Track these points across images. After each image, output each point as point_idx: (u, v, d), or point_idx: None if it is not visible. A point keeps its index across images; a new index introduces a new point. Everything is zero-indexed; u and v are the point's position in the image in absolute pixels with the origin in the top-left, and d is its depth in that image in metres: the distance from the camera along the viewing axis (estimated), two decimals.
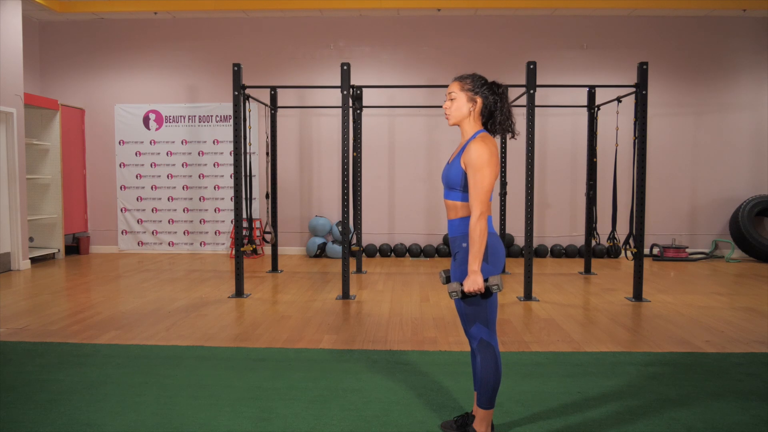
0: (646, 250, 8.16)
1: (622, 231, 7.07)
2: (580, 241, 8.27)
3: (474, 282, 2.17)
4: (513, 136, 2.37)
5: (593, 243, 7.17)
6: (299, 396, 2.93)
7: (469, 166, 2.22)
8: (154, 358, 3.55)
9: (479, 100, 2.31)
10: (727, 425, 2.59)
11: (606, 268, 7.25)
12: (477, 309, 2.29)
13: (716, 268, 7.23)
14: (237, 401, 2.86)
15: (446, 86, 7.36)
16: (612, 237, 6.03)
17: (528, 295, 5.24)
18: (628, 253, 5.57)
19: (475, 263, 2.18)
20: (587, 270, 6.81)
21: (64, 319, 4.52)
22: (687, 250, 8.01)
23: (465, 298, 2.24)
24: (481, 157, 2.19)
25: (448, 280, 2.32)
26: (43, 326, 4.29)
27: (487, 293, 2.25)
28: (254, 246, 5.85)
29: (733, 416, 2.68)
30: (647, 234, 8.01)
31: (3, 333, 4.13)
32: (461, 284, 2.22)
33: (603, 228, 7.60)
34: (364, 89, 7.23)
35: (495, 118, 2.33)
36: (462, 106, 2.32)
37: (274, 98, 6.80)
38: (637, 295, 5.25)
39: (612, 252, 8.02)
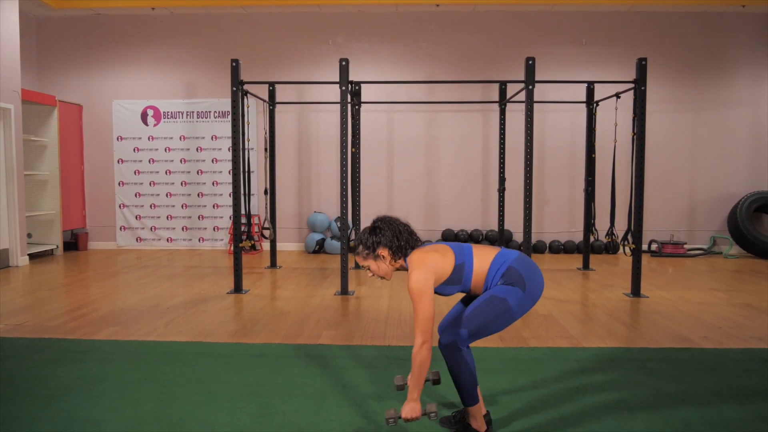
0: (645, 246, 8.17)
1: (621, 227, 7.06)
2: (578, 237, 8.27)
3: (412, 409, 2.16)
4: (404, 256, 2.34)
5: (592, 239, 7.18)
6: (298, 392, 2.93)
7: (410, 295, 2.21)
8: (152, 354, 3.55)
9: (381, 251, 2.32)
10: (724, 421, 2.59)
11: (604, 264, 7.26)
12: (482, 315, 2.24)
13: (714, 264, 7.24)
14: (236, 397, 2.87)
15: (445, 82, 7.29)
16: (610, 233, 6.03)
17: None
18: (627, 249, 5.57)
19: (414, 392, 2.18)
20: (585, 266, 6.82)
21: (63, 315, 4.52)
22: (685, 246, 8.02)
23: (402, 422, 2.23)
24: (416, 287, 2.18)
25: (401, 389, 2.35)
26: (41, 322, 4.29)
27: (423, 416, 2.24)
28: (253, 242, 5.85)
29: (731, 412, 2.69)
30: (645, 230, 8.02)
31: (1, 329, 4.12)
32: (398, 411, 2.22)
33: (601, 224, 7.61)
34: (362, 85, 7.22)
35: (400, 246, 2.32)
36: (379, 267, 2.35)
37: (272, 94, 6.78)
38: (635, 291, 5.25)
39: (610, 248, 8.03)
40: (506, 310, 2.24)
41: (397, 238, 2.31)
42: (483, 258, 2.30)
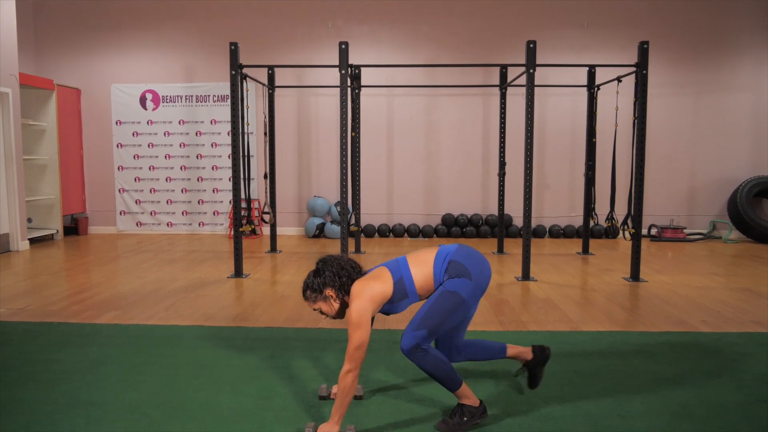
0: (644, 231, 8.18)
1: (621, 211, 7.07)
2: (578, 221, 8.28)
3: (328, 431, 2.22)
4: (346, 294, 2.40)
5: (591, 223, 7.18)
6: (299, 375, 2.95)
7: (348, 324, 2.26)
8: (154, 337, 3.57)
9: (328, 291, 2.38)
10: (721, 404, 2.62)
11: (604, 248, 7.27)
12: (432, 311, 2.29)
13: (714, 248, 7.26)
14: (237, 380, 2.89)
15: (446, 66, 7.24)
16: (610, 217, 6.03)
17: (526, 275, 5.26)
18: (626, 233, 5.58)
19: (335, 415, 2.23)
20: (585, 250, 6.84)
21: (64, 299, 4.54)
22: (685, 230, 8.03)
23: None
24: (354, 318, 2.24)
25: (322, 399, 2.61)
26: (43, 306, 4.31)
27: None
28: (253, 226, 5.85)
29: (728, 395, 2.71)
30: (645, 215, 8.02)
31: (3, 313, 4.15)
32: (317, 426, 2.28)
33: (601, 208, 7.61)
34: (362, 68, 7.17)
35: (343, 284, 2.39)
36: (330, 307, 2.40)
37: (271, 78, 6.74)
38: (635, 276, 5.27)
39: (610, 232, 8.04)
40: (460, 303, 2.32)
41: (338, 276, 2.39)
42: (421, 264, 2.38)
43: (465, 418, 2.37)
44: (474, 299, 2.36)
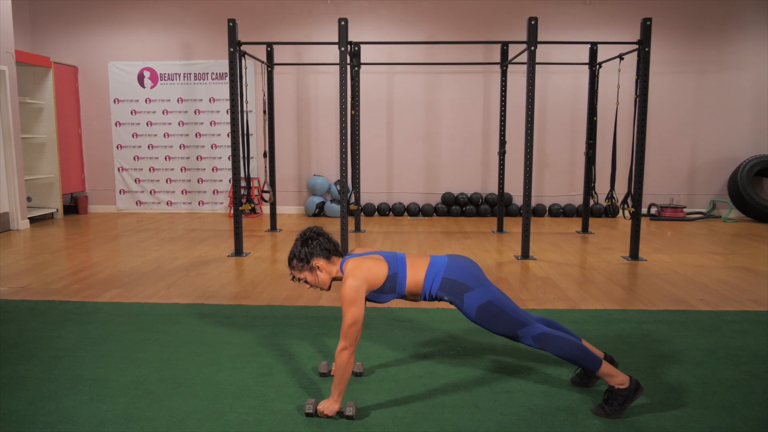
0: (644, 210, 8.18)
1: (621, 190, 7.07)
2: (578, 200, 8.28)
3: (329, 407, 2.26)
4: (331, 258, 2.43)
5: (591, 202, 7.18)
6: (299, 352, 2.98)
7: (342, 301, 2.26)
8: (155, 315, 3.59)
9: (316, 261, 2.39)
10: (718, 380, 2.64)
11: (603, 227, 7.28)
12: (497, 321, 2.33)
13: (713, 227, 7.27)
14: (238, 357, 2.91)
15: (446, 43, 7.15)
16: (610, 196, 6.03)
17: (525, 254, 5.28)
18: (626, 212, 5.57)
19: (335, 392, 2.26)
20: (585, 229, 6.85)
21: (66, 278, 4.56)
22: (685, 209, 8.03)
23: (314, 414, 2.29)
24: (348, 295, 2.24)
25: (323, 376, 2.65)
26: (44, 285, 4.33)
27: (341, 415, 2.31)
28: (253, 205, 5.85)
29: (725, 372, 2.74)
30: (645, 194, 8.02)
31: (5, 292, 4.17)
32: (317, 403, 2.31)
33: (602, 187, 7.60)
34: (362, 45, 7.10)
35: (330, 250, 2.42)
36: (317, 278, 2.41)
37: (270, 55, 6.68)
38: (634, 254, 5.29)
39: (610, 211, 8.05)
40: (492, 305, 2.33)
41: (326, 248, 2.42)
42: (416, 269, 2.41)
43: (620, 403, 2.31)
44: (490, 293, 2.37)
